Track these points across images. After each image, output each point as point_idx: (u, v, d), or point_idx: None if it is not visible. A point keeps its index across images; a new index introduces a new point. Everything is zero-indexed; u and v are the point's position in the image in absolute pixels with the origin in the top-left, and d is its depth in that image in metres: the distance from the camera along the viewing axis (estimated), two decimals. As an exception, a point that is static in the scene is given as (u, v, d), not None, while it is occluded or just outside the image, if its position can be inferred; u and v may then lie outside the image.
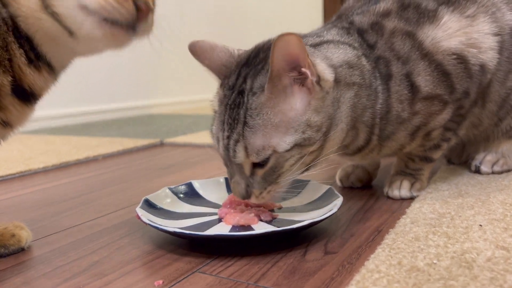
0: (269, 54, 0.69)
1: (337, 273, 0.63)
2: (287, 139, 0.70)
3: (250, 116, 0.69)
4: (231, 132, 0.71)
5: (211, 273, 0.65)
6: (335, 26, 0.86)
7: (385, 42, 0.82)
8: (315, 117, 0.71)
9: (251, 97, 0.69)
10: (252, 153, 0.70)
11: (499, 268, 0.59)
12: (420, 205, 0.86)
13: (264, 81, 0.69)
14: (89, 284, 0.64)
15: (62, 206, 1.03)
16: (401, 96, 0.82)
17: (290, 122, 0.70)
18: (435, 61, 0.82)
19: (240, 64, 0.74)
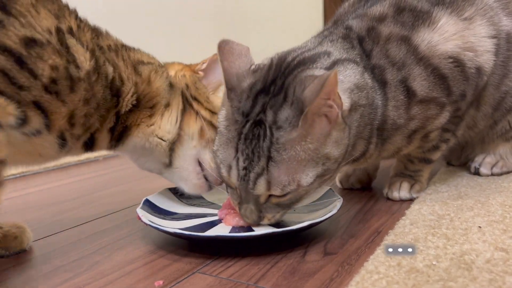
0: (288, 82, 0.69)
1: (336, 274, 0.63)
2: (310, 172, 0.68)
3: (277, 151, 0.66)
4: (250, 164, 0.68)
5: (211, 273, 0.65)
6: (336, 35, 0.84)
7: (380, 49, 0.82)
8: (335, 151, 0.70)
9: (276, 132, 0.66)
10: (276, 188, 0.68)
11: (498, 269, 0.60)
12: (419, 206, 0.86)
13: (290, 115, 0.66)
14: (90, 284, 0.64)
15: (63, 206, 1.03)
16: (398, 102, 0.81)
17: (313, 156, 0.68)
18: (431, 65, 0.82)
19: (255, 90, 0.71)
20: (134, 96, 0.75)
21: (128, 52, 0.78)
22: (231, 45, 0.74)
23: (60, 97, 0.64)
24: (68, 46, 0.64)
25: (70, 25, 0.67)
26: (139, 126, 0.78)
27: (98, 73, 0.68)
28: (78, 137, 0.71)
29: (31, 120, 0.63)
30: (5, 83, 0.59)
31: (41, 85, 0.61)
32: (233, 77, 0.72)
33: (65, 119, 0.66)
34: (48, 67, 0.62)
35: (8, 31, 0.59)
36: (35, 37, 0.61)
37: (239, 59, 0.74)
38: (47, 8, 0.65)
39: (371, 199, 0.97)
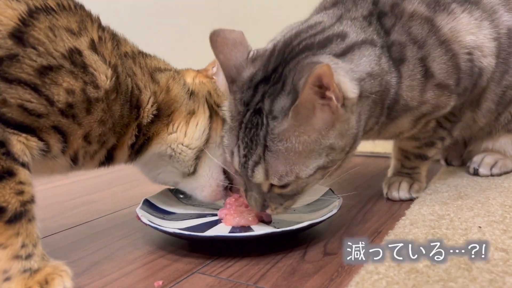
0: (288, 70, 0.66)
1: (336, 274, 0.63)
2: (311, 165, 0.67)
3: (272, 141, 0.65)
4: (249, 152, 0.68)
5: (211, 273, 0.65)
6: (358, 11, 0.80)
7: (402, 25, 0.79)
8: (340, 141, 0.68)
9: (271, 121, 0.65)
10: (274, 177, 0.67)
11: (498, 270, 0.59)
12: (419, 206, 0.86)
13: (285, 105, 0.64)
14: (90, 284, 0.64)
15: (63, 206, 1.03)
16: (414, 81, 0.79)
17: (314, 147, 0.66)
18: (451, 50, 0.81)
19: (256, 80, 0.69)
20: (154, 106, 0.74)
21: (145, 59, 0.76)
22: (223, 35, 0.71)
23: (77, 120, 0.63)
24: (86, 65, 0.63)
25: (92, 37, 0.65)
26: (159, 134, 0.76)
27: (117, 91, 0.67)
28: (92, 155, 0.70)
29: (52, 149, 0.63)
30: (24, 115, 0.59)
31: (58, 110, 0.61)
32: (232, 70, 0.71)
33: (81, 138, 0.65)
34: (64, 91, 0.61)
35: (23, 64, 0.58)
36: (50, 63, 0.60)
37: (234, 49, 0.71)
38: (66, 25, 0.63)
39: (371, 199, 0.97)
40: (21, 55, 0.58)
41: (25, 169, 0.59)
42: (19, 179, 0.58)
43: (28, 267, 0.58)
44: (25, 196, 0.58)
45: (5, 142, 0.57)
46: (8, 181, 0.57)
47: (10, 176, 0.57)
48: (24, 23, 0.59)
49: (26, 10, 0.60)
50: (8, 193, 0.57)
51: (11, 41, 0.58)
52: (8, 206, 0.57)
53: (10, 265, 0.57)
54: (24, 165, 0.59)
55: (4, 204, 0.56)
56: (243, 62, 0.71)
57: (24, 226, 0.58)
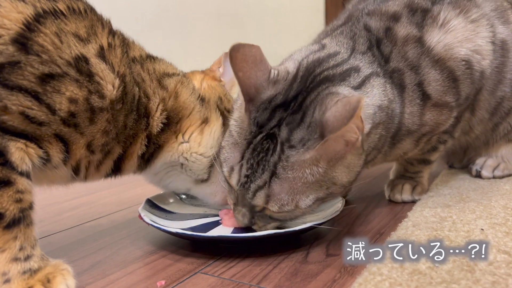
0: (310, 101, 0.66)
1: (339, 276, 0.63)
2: (311, 196, 0.66)
3: (283, 169, 0.64)
4: (252, 175, 0.66)
5: (213, 274, 0.65)
6: (362, 43, 0.80)
7: (398, 51, 0.79)
8: (344, 177, 0.67)
9: (288, 150, 0.64)
10: (273, 205, 0.66)
11: (501, 272, 0.59)
12: (421, 208, 0.86)
13: (305, 137, 0.64)
14: (91, 283, 0.64)
15: (65, 206, 1.03)
16: (414, 106, 0.79)
17: (319, 178, 0.65)
18: (447, 67, 0.81)
19: (275, 103, 0.67)
20: (163, 114, 0.72)
21: (153, 63, 0.75)
22: (243, 51, 0.68)
23: (79, 129, 0.62)
24: (93, 73, 0.61)
25: (101, 44, 0.63)
26: (170, 143, 0.75)
27: (123, 101, 0.65)
28: (97, 166, 0.69)
29: (53, 158, 0.62)
30: (26, 123, 0.58)
31: (60, 119, 0.59)
32: (251, 89, 0.68)
33: (84, 147, 0.64)
34: (66, 100, 0.59)
35: (24, 71, 0.56)
36: (53, 72, 0.58)
37: (255, 67, 0.68)
38: (74, 30, 0.61)
39: (373, 201, 0.97)
40: (23, 62, 0.56)
41: (24, 178, 0.58)
42: (17, 188, 0.57)
43: (28, 268, 0.58)
44: (24, 204, 0.58)
45: (3, 151, 0.56)
46: (6, 190, 0.56)
47: (7, 186, 0.56)
48: (29, 28, 0.57)
49: (32, 14, 0.58)
50: (6, 201, 0.56)
51: (13, 48, 0.56)
52: (6, 213, 0.56)
53: (9, 267, 0.57)
54: (23, 174, 0.58)
55: (2, 210, 0.56)
56: (263, 82, 0.69)
57: (22, 231, 0.58)
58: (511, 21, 0.93)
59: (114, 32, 0.68)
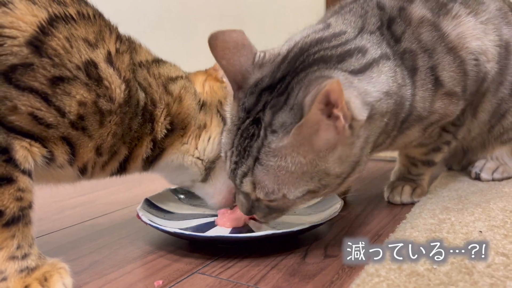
0: (296, 82, 0.62)
1: (337, 277, 0.63)
2: (300, 187, 0.63)
3: (265, 155, 0.61)
4: (239, 161, 0.65)
5: (211, 274, 0.65)
6: (373, 22, 0.76)
7: (412, 32, 0.76)
8: (337, 168, 0.63)
9: (270, 135, 0.61)
10: (260, 192, 0.64)
11: (499, 274, 0.59)
12: (420, 210, 0.86)
13: (286, 120, 0.60)
14: (89, 283, 0.64)
15: (64, 204, 1.03)
16: (426, 91, 0.77)
17: (308, 169, 0.61)
18: (460, 57, 0.79)
19: (261, 86, 0.65)
20: (167, 119, 0.73)
21: (158, 68, 0.75)
22: (223, 37, 0.66)
23: (88, 132, 0.63)
24: (102, 78, 0.62)
25: (108, 49, 0.64)
26: (173, 145, 0.76)
27: (128, 105, 0.66)
28: (103, 166, 0.70)
29: (57, 158, 0.63)
30: (33, 123, 0.58)
31: (68, 121, 0.60)
32: (237, 76, 0.66)
33: (92, 151, 0.65)
34: (76, 103, 0.60)
35: (37, 73, 0.57)
36: (63, 75, 0.59)
37: (237, 52, 0.66)
38: (84, 35, 0.62)
39: (372, 202, 0.97)
40: (36, 64, 0.57)
41: (25, 176, 0.58)
42: (18, 186, 0.57)
43: (25, 266, 0.58)
44: (24, 202, 0.58)
45: (8, 148, 0.57)
46: (7, 187, 0.56)
47: (9, 183, 0.56)
48: (43, 31, 0.58)
49: (46, 18, 0.59)
50: (7, 198, 0.56)
51: (27, 50, 0.57)
52: (6, 210, 0.56)
53: (6, 265, 0.57)
54: (25, 172, 0.58)
55: (2, 208, 0.56)
56: (249, 67, 0.66)
57: (20, 229, 0.58)
58: None
59: (121, 38, 0.69)
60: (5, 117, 0.57)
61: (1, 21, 0.56)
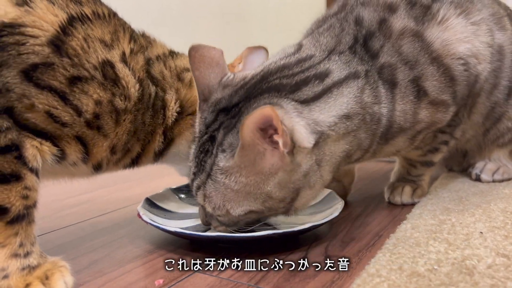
0: (246, 107, 0.65)
1: (337, 277, 0.63)
2: (243, 206, 0.66)
3: (215, 172, 0.65)
4: (196, 173, 0.68)
5: (212, 273, 0.65)
6: (344, 43, 0.76)
7: (392, 45, 0.76)
8: (277, 192, 0.65)
9: (220, 154, 0.65)
10: (208, 206, 0.67)
11: (499, 275, 0.59)
12: (420, 211, 0.86)
13: (233, 142, 0.64)
14: (89, 282, 0.64)
15: (65, 203, 1.03)
16: (406, 104, 0.77)
17: (251, 190, 0.64)
18: (444, 65, 0.79)
19: (219, 106, 0.68)
20: (177, 103, 0.75)
21: (174, 60, 0.77)
22: (201, 51, 0.71)
23: (103, 131, 0.64)
24: (119, 77, 0.64)
25: (123, 50, 0.66)
26: (181, 134, 0.77)
27: (142, 102, 0.68)
28: (116, 162, 0.71)
29: (68, 157, 0.63)
30: (48, 122, 0.59)
31: (84, 120, 0.61)
32: (205, 89, 0.71)
33: (108, 150, 0.66)
34: (92, 102, 0.61)
35: (57, 72, 0.58)
36: (81, 75, 0.60)
37: (210, 68, 0.71)
38: (100, 36, 0.63)
39: (372, 203, 0.97)
40: (56, 64, 0.58)
41: (33, 175, 0.59)
42: (25, 184, 0.58)
43: (27, 264, 0.58)
44: (29, 201, 0.58)
45: (19, 146, 0.57)
46: (15, 184, 0.57)
47: (17, 180, 0.57)
48: (64, 31, 0.59)
49: (66, 18, 0.60)
50: (14, 196, 0.57)
51: (49, 49, 0.57)
52: (12, 208, 0.57)
53: (8, 263, 0.57)
54: (32, 170, 0.58)
55: (8, 205, 0.56)
56: (215, 84, 0.71)
57: (23, 228, 0.58)
58: (507, 28, 0.93)
59: (135, 37, 0.70)
60: (21, 115, 0.57)
61: (24, 20, 0.57)
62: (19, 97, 0.56)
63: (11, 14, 0.56)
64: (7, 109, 0.56)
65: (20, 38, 0.56)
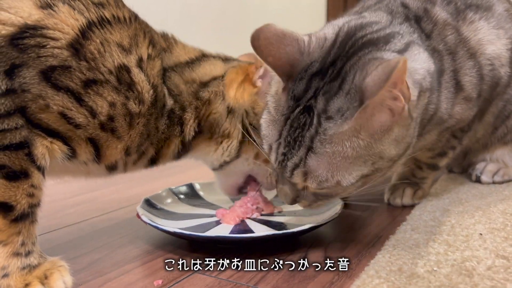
0: (349, 66, 0.61)
1: (337, 278, 0.63)
2: (354, 172, 0.61)
3: (320, 142, 0.60)
4: (289, 152, 0.63)
5: (211, 274, 0.65)
6: (399, 15, 0.77)
7: (439, 33, 0.76)
8: (392, 150, 0.62)
9: (325, 122, 0.60)
10: (312, 182, 0.62)
11: (499, 277, 0.59)
12: (420, 212, 0.86)
13: (343, 106, 0.59)
14: (89, 282, 0.64)
15: (64, 203, 1.03)
16: (449, 93, 0.76)
17: (362, 153, 0.60)
18: (478, 62, 0.80)
19: (311, 71, 0.63)
20: (196, 122, 0.75)
21: (192, 71, 0.75)
22: (264, 35, 0.63)
23: (117, 134, 0.64)
24: (134, 82, 0.64)
25: (140, 55, 0.66)
26: (199, 145, 0.78)
27: (155, 106, 0.68)
28: (134, 163, 0.72)
29: (79, 156, 0.64)
30: (61, 122, 0.59)
31: (98, 122, 0.62)
32: (285, 67, 0.64)
33: (122, 152, 0.67)
34: (107, 105, 0.62)
35: (73, 75, 0.59)
36: (96, 78, 0.60)
37: (280, 45, 0.64)
38: (118, 40, 0.63)
39: (372, 204, 0.96)
40: (73, 67, 0.59)
41: (39, 173, 0.59)
42: (32, 182, 0.58)
43: (27, 264, 0.58)
44: (34, 200, 0.59)
45: (30, 143, 0.57)
46: (23, 181, 0.57)
47: (25, 177, 0.57)
48: (83, 35, 0.60)
49: (86, 22, 0.60)
50: (20, 193, 0.57)
51: (68, 52, 0.58)
52: (17, 206, 0.57)
53: (9, 262, 0.57)
54: (40, 168, 0.59)
55: (14, 203, 0.56)
56: (296, 55, 0.64)
57: (26, 227, 0.58)
58: None
59: (154, 41, 0.70)
60: (34, 115, 0.57)
61: (46, 23, 0.57)
62: (34, 98, 0.57)
63: (35, 16, 0.57)
64: (21, 108, 0.56)
65: (41, 40, 0.57)
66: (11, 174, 0.56)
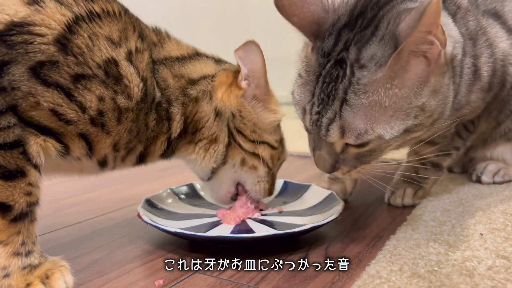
0: (382, 14, 0.59)
1: (337, 278, 0.63)
2: (396, 126, 0.60)
3: (354, 93, 0.58)
4: (323, 109, 0.61)
5: (212, 274, 0.65)
6: None
7: (462, 16, 0.76)
8: (432, 101, 0.60)
9: (358, 71, 0.58)
10: (350, 136, 0.60)
11: (500, 277, 0.59)
12: (421, 212, 0.86)
13: (377, 53, 0.57)
14: (89, 282, 0.64)
15: (65, 203, 1.03)
16: (468, 79, 0.75)
17: (402, 104, 0.59)
18: (494, 54, 0.79)
19: (340, 25, 0.62)
20: (182, 118, 0.74)
21: (182, 66, 0.75)
22: None
23: (106, 129, 0.64)
24: (122, 75, 0.63)
25: (130, 48, 0.65)
26: (183, 151, 0.77)
27: (144, 102, 0.67)
28: (122, 159, 0.71)
29: (73, 152, 0.64)
30: (52, 119, 0.59)
31: (89, 117, 0.61)
32: (312, 27, 0.63)
33: (110, 147, 0.66)
34: (96, 99, 0.61)
35: (61, 70, 0.58)
36: (84, 73, 0.60)
37: (305, 3, 0.63)
38: (107, 34, 0.63)
39: (373, 204, 0.96)
40: (61, 62, 0.58)
41: (36, 171, 0.59)
42: (29, 181, 0.58)
43: (28, 263, 0.58)
44: (32, 198, 0.59)
45: (24, 142, 0.57)
46: (19, 180, 0.57)
47: (22, 176, 0.57)
48: (70, 29, 0.59)
49: (73, 17, 0.60)
50: (18, 193, 0.57)
51: (54, 48, 0.58)
52: (15, 205, 0.57)
53: (10, 261, 0.57)
54: (36, 166, 0.59)
55: (12, 202, 0.56)
56: (321, 13, 0.63)
57: (26, 226, 0.58)
58: None
59: (143, 35, 0.70)
60: (25, 113, 0.57)
61: (33, 19, 0.57)
62: (25, 95, 0.57)
63: (22, 13, 0.57)
64: (12, 107, 0.56)
65: (28, 37, 0.56)
66: (7, 174, 0.56)
